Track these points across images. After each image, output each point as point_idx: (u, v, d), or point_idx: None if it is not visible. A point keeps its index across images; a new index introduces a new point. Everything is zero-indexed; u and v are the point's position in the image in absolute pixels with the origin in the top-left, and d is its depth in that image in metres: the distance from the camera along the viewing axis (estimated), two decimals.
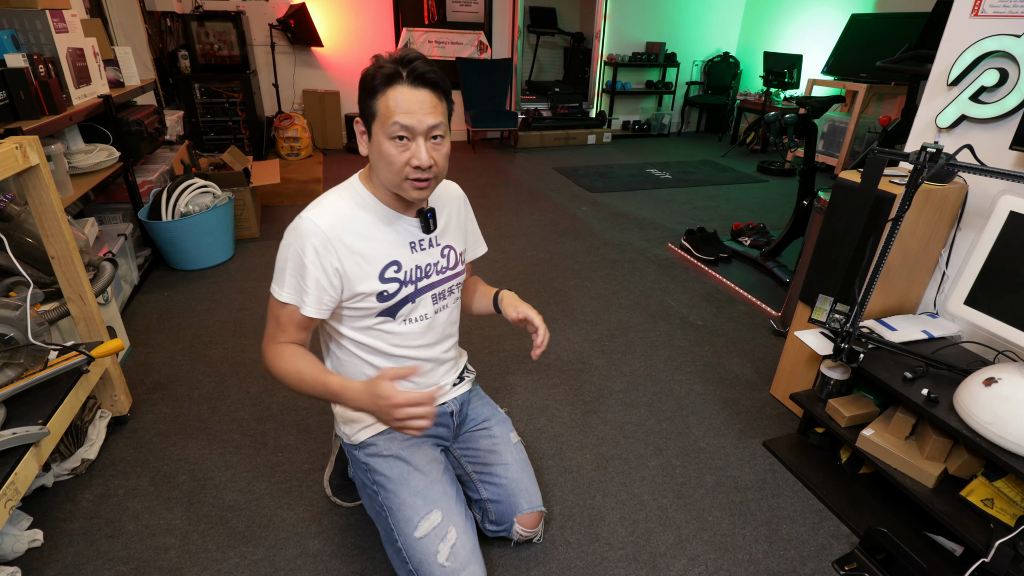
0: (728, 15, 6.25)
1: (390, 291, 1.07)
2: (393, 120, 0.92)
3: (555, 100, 5.89)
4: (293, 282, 1.00)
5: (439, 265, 1.14)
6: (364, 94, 0.95)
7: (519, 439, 1.33)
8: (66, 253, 1.42)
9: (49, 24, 1.94)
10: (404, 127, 0.92)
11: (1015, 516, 1.17)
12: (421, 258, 1.10)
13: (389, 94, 0.92)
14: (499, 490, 1.23)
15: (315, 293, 1.00)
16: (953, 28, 1.49)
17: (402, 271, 1.07)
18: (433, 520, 1.07)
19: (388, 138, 0.94)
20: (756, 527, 1.39)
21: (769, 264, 2.84)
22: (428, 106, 0.93)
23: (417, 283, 1.10)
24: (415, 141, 0.94)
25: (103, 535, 1.29)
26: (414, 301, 1.11)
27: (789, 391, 1.76)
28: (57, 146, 1.95)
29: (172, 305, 2.34)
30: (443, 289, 1.16)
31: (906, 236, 1.48)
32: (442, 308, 1.17)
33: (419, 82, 0.93)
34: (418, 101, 0.92)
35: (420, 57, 0.93)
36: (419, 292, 1.11)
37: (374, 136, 0.96)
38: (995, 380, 1.16)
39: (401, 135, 0.93)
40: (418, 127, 0.93)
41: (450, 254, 1.16)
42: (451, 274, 1.17)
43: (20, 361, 1.27)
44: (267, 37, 4.76)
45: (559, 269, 2.80)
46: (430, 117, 0.93)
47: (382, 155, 0.95)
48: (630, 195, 4.12)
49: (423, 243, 1.11)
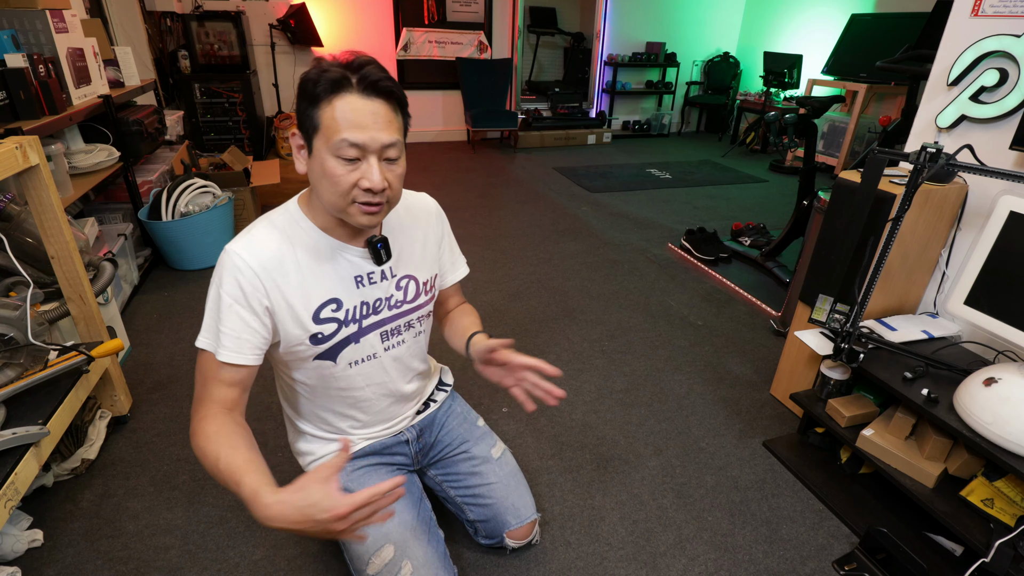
0: (728, 15, 6.25)
1: (325, 332, 0.94)
2: (340, 136, 0.78)
3: (555, 100, 5.89)
4: (211, 324, 0.86)
5: (393, 300, 1.01)
6: (304, 102, 0.80)
7: (504, 448, 1.28)
8: (66, 253, 1.42)
9: (49, 24, 1.94)
10: (354, 145, 0.79)
11: (1015, 516, 1.17)
12: (369, 293, 0.98)
13: (336, 104, 0.78)
14: (485, 511, 1.20)
15: (232, 335, 0.85)
16: (953, 28, 1.49)
17: (342, 310, 0.95)
18: (384, 556, 0.99)
19: (333, 156, 0.80)
20: (756, 527, 1.39)
21: (769, 264, 2.84)
22: (383, 120, 0.80)
23: (361, 322, 0.98)
24: (366, 160, 0.81)
25: (103, 535, 1.29)
26: (357, 342, 0.98)
27: (789, 391, 1.76)
28: (57, 146, 1.95)
29: (172, 305, 2.34)
30: (396, 325, 1.03)
31: (906, 236, 1.48)
32: (396, 345, 1.05)
33: (371, 91, 0.79)
34: (370, 113, 0.79)
35: (372, 62, 0.81)
36: (363, 331, 0.98)
37: (316, 152, 0.82)
38: (995, 380, 1.16)
39: (349, 155, 0.80)
40: (370, 145, 0.80)
41: (409, 285, 1.03)
42: (408, 308, 1.04)
43: (20, 361, 1.27)
44: (267, 37, 4.76)
45: (559, 269, 2.80)
46: (384, 134, 0.80)
47: (325, 175, 0.81)
48: (630, 195, 4.12)
49: (372, 276, 0.97)
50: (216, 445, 0.79)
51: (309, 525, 0.67)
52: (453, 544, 1.29)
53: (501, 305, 2.43)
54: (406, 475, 1.17)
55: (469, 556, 1.28)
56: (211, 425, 0.82)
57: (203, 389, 0.87)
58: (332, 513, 0.66)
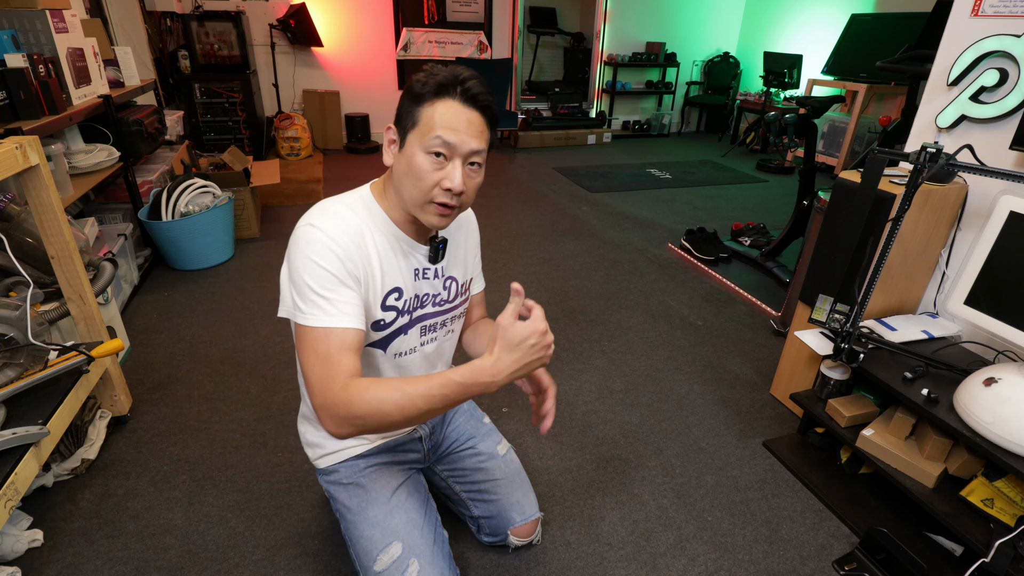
0: (728, 15, 6.25)
1: (387, 320, 0.99)
2: (435, 133, 0.84)
3: (555, 100, 5.89)
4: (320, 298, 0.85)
5: (438, 297, 1.06)
6: (408, 100, 0.87)
7: (508, 447, 1.29)
8: (66, 253, 1.42)
9: (49, 24, 1.94)
10: (446, 143, 0.84)
11: (1015, 516, 1.17)
12: (422, 287, 1.03)
13: (437, 105, 0.84)
14: (490, 507, 1.21)
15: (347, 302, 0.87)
16: (953, 28, 1.49)
17: (402, 299, 0.99)
18: (392, 553, 1.00)
19: (424, 151, 0.85)
20: (756, 527, 1.39)
21: (769, 264, 2.84)
22: (475, 129, 0.86)
23: (412, 313, 1.02)
24: (452, 161, 0.86)
25: (103, 535, 1.29)
26: (406, 333, 1.03)
27: (789, 391, 1.76)
28: (57, 146, 1.95)
29: (172, 305, 2.34)
30: (435, 322, 1.08)
31: (906, 236, 1.48)
32: (430, 341, 1.09)
33: (471, 102, 0.86)
34: (466, 120, 0.85)
35: (476, 76, 0.87)
36: (412, 323, 1.03)
37: (407, 147, 0.87)
38: (995, 380, 1.16)
39: (439, 151, 0.85)
40: (460, 147, 0.85)
41: (452, 286, 1.09)
42: (448, 307, 1.09)
43: (20, 361, 1.27)
44: (267, 37, 4.76)
45: (559, 269, 2.80)
46: (474, 140, 0.86)
47: (412, 168, 0.86)
48: (630, 195, 4.12)
49: (427, 272, 1.03)
50: (390, 390, 0.80)
51: (529, 354, 0.81)
52: (454, 544, 1.28)
53: (501, 305, 2.41)
54: (415, 472, 1.19)
55: (470, 556, 1.28)
56: (362, 384, 0.81)
57: (328, 368, 0.83)
58: (537, 331, 0.80)
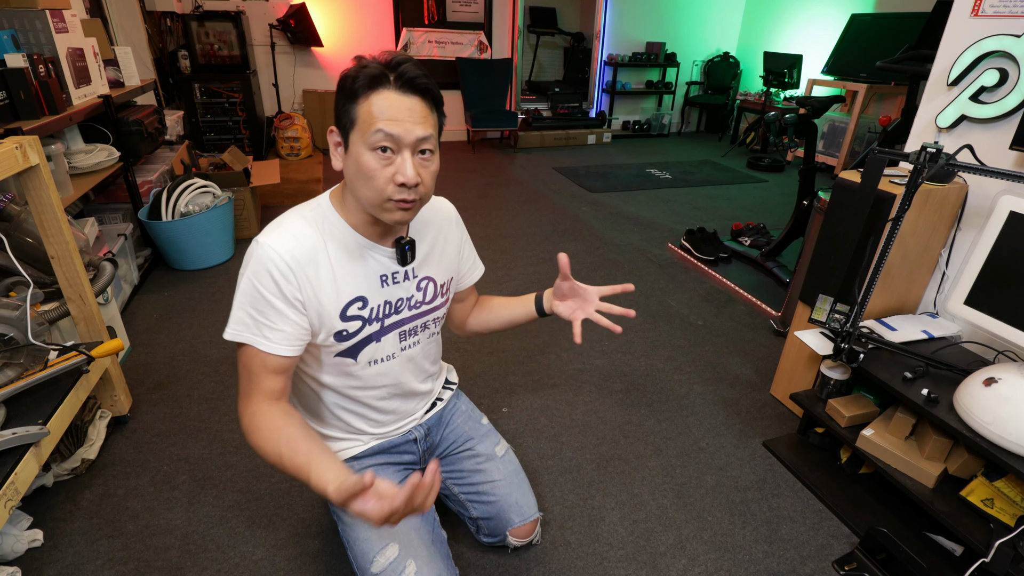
0: (728, 15, 6.25)
1: (350, 330, 0.96)
2: (376, 127, 0.80)
3: (555, 100, 5.89)
4: (244, 317, 0.87)
5: (413, 300, 1.03)
6: (343, 98, 0.83)
7: (507, 447, 1.29)
8: (66, 253, 1.42)
9: (49, 24, 1.94)
10: (389, 136, 0.80)
11: (1015, 516, 1.17)
12: (392, 293, 1.00)
13: (373, 98, 0.80)
14: (489, 508, 1.20)
15: (273, 327, 0.87)
16: (953, 28, 1.49)
17: (367, 308, 0.97)
18: (389, 555, 0.99)
19: (369, 149, 0.81)
20: (756, 527, 1.39)
21: (769, 264, 2.84)
22: (418, 115, 0.82)
23: (384, 320, 1.00)
24: (400, 154, 0.82)
25: (103, 535, 1.29)
26: (378, 340, 1.00)
27: (789, 391, 1.76)
28: (57, 146, 1.95)
29: (172, 305, 2.33)
30: (414, 325, 1.06)
31: (906, 236, 1.48)
32: (411, 345, 1.08)
33: (408, 87, 0.81)
34: (406, 108, 0.81)
35: (410, 60, 0.83)
36: (385, 330, 1.01)
37: (352, 147, 0.84)
38: (995, 380, 1.16)
39: (384, 145, 0.81)
40: (405, 137, 0.81)
41: (428, 287, 1.05)
42: (426, 309, 1.06)
43: (20, 361, 1.27)
44: (267, 37, 4.76)
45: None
46: (419, 128, 0.82)
47: (360, 169, 0.83)
48: (630, 195, 4.12)
49: (396, 276, 0.99)
50: (275, 443, 0.84)
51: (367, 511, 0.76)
52: (453, 544, 1.29)
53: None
54: (412, 472, 1.18)
55: (469, 556, 1.28)
56: (264, 421, 0.86)
57: (249, 383, 0.89)
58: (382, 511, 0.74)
